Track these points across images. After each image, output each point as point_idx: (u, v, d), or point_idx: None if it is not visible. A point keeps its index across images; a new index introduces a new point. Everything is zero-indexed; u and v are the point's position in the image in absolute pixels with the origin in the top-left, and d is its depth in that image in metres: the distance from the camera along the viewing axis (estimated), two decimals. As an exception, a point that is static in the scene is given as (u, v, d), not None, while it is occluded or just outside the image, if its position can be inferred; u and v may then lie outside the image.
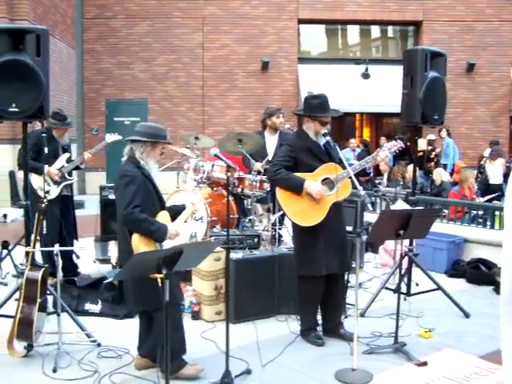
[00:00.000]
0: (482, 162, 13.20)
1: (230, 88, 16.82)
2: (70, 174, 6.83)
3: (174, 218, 4.32)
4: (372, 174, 13.88)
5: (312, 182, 4.85)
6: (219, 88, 16.80)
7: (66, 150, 6.90)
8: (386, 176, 11.95)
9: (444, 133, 14.37)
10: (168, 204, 4.66)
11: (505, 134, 17.34)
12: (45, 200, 4.83)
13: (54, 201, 6.51)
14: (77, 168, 7.01)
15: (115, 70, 16.68)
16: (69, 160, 6.82)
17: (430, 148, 13.90)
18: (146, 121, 14.31)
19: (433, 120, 6.12)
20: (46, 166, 6.50)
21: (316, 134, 4.99)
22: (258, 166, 6.72)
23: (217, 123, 16.57)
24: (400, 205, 7.53)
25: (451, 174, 13.22)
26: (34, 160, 6.42)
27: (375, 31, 18.27)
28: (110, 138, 7.13)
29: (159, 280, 3.30)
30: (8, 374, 4.38)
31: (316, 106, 4.99)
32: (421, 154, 13.13)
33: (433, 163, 13.81)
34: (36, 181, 6.44)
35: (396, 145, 5.11)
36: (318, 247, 4.90)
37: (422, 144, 13.32)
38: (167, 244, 4.11)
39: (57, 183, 6.64)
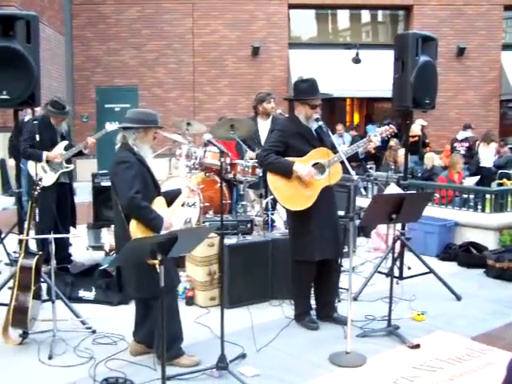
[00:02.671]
0: (476, 146, 13.23)
1: (220, 74, 16.76)
2: (68, 161, 6.79)
3: (170, 203, 4.33)
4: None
5: (301, 164, 4.86)
6: (210, 74, 16.74)
7: (65, 137, 6.87)
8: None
9: None
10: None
11: (495, 118, 17.41)
12: (37, 187, 4.81)
13: (50, 188, 6.50)
14: (80, 154, 6.93)
15: (105, 56, 16.57)
16: (67, 147, 6.77)
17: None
18: (136, 107, 14.24)
19: (424, 104, 6.14)
20: (44, 152, 6.48)
21: (307, 119, 4.99)
22: (251, 154, 6.70)
23: (208, 109, 16.53)
24: (393, 189, 7.56)
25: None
26: (31, 147, 6.40)
27: (365, 16, 18.23)
28: (110, 126, 7.05)
29: (157, 266, 3.31)
30: (4, 361, 4.39)
31: (305, 89, 4.99)
32: (415, 138, 13.14)
33: (428, 148, 13.83)
34: (34, 167, 6.40)
35: (388, 130, 5.12)
36: (311, 232, 4.92)
37: (416, 129, 13.33)
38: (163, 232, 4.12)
39: (54, 170, 6.62)
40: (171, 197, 4.40)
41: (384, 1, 17.18)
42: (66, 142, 6.79)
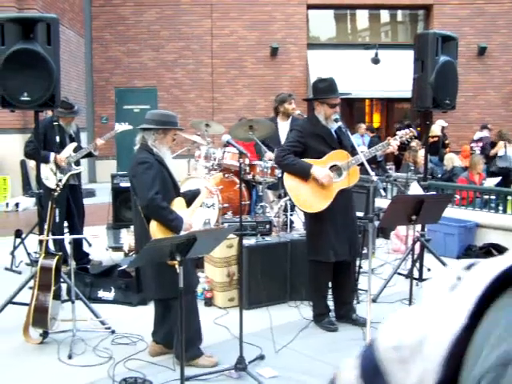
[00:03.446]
0: (503, 147, 13.11)
1: (239, 75, 16.77)
2: (77, 163, 6.81)
3: (188, 203, 4.34)
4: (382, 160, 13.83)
5: (319, 167, 4.84)
6: (228, 75, 16.75)
7: (74, 139, 6.89)
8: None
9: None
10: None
11: (516, 118, 17.21)
12: (57, 188, 4.85)
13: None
14: (90, 155, 6.97)
15: (124, 57, 16.67)
16: (76, 149, 6.80)
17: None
18: (155, 108, 14.30)
19: (444, 104, 6.09)
20: (52, 154, 6.51)
21: (327, 119, 4.97)
22: (269, 155, 6.70)
23: (226, 110, 16.55)
24: (415, 188, 7.51)
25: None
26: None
27: (384, 16, 18.13)
28: (120, 127, 7.10)
29: (177, 267, 3.32)
30: (24, 360, 4.44)
31: (324, 88, 4.98)
32: (435, 139, 13.03)
33: (448, 149, 13.72)
34: (42, 170, 6.43)
35: (408, 133, 5.08)
36: (326, 234, 4.91)
37: (436, 130, 13.22)
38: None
39: (63, 172, 6.64)
40: (190, 197, 4.42)
41: (403, 0, 17.07)
42: (74, 144, 6.80)
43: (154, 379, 4.02)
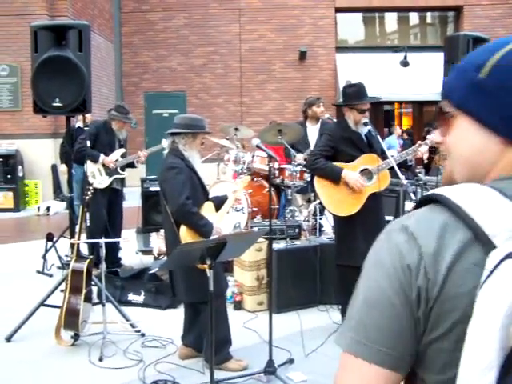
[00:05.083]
0: None
1: (267, 79, 16.79)
2: (122, 169, 6.93)
3: (216, 209, 4.36)
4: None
5: (350, 171, 4.82)
6: (257, 79, 16.78)
7: (122, 145, 7.01)
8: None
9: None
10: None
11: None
12: (89, 192, 4.90)
13: (102, 192, 6.63)
14: (132, 166, 7.08)
15: (153, 62, 16.81)
16: (123, 155, 6.93)
17: None
18: (184, 113, 14.37)
19: (475, 107, 6.00)
20: (101, 156, 6.63)
21: (356, 123, 4.95)
22: (299, 157, 6.69)
23: (255, 114, 16.57)
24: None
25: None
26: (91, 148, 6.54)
27: (414, 18, 17.98)
28: (166, 142, 7.16)
29: (207, 270, 3.33)
30: (56, 362, 4.49)
31: (352, 94, 4.95)
32: None
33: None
34: (90, 167, 6.56)
35: (439, 137, 5.01)
36: (356, 237, 4.87)
37: None
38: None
39: (108, 174, 6.75)
40: (217, 203, 4.43)
41: (433, 2, 16.90)
42: (123, 150, 6.94)
43: (183, 382, 4.04)
